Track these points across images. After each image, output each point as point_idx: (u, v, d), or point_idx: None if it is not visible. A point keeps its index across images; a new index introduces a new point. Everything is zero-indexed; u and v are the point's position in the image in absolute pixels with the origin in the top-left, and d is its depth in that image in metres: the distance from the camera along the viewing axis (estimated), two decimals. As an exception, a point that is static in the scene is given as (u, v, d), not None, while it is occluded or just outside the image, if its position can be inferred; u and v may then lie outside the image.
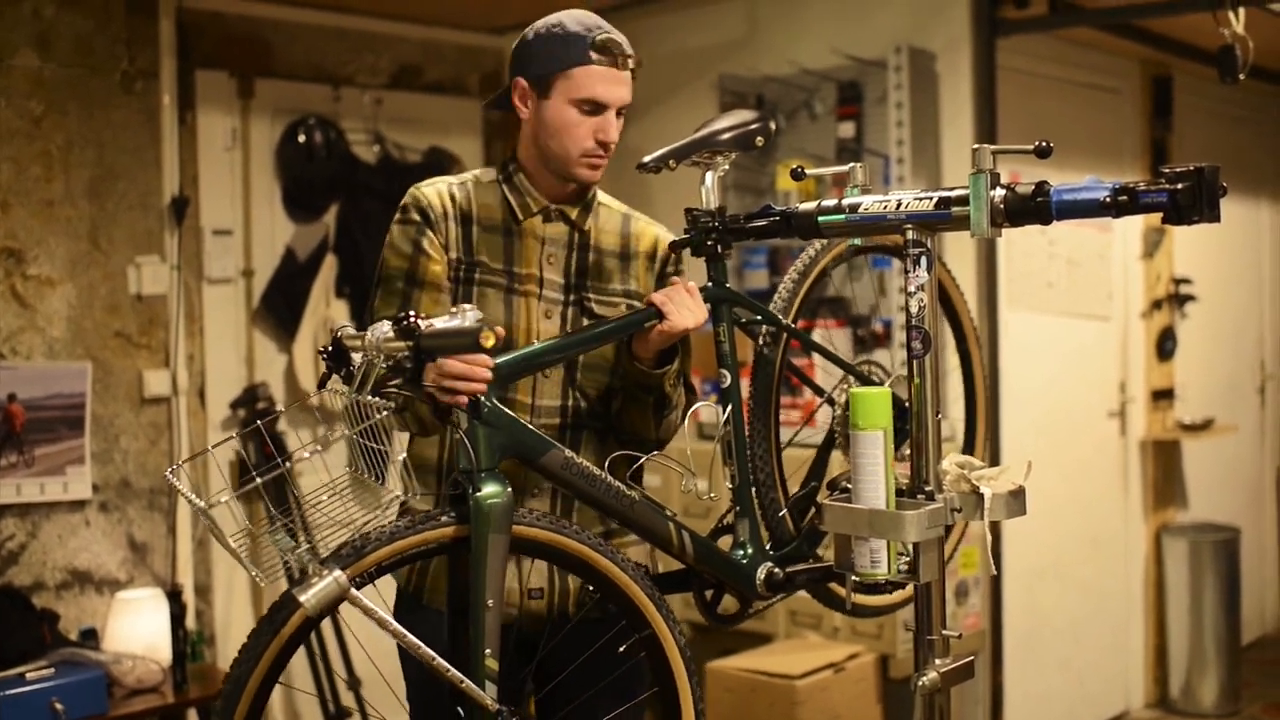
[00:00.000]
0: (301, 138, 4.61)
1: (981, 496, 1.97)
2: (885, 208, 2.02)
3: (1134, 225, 5.21)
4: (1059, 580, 4.82)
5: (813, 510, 2.51)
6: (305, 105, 4.63)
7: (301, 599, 1.90)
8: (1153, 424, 5.37)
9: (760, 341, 2.52)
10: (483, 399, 2.09)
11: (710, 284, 2.44)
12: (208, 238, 4.37)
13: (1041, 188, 1.85)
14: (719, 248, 2.43)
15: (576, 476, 2.22)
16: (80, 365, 4.06)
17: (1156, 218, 1.81)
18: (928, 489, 1.94)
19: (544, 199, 2.47)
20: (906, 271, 1.98)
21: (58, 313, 4.04)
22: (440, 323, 1.97)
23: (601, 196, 2.59)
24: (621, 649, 2.29)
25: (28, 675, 3.59)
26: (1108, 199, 1.80)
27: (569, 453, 2.21)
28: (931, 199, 1.96)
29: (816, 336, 4.43)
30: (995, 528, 2.02)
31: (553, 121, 2.40)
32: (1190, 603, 5.27)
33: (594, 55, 2.35)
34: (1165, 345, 5.40)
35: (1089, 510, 5.03)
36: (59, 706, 3.54)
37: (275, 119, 4.58)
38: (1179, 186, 1.74)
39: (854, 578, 1.99)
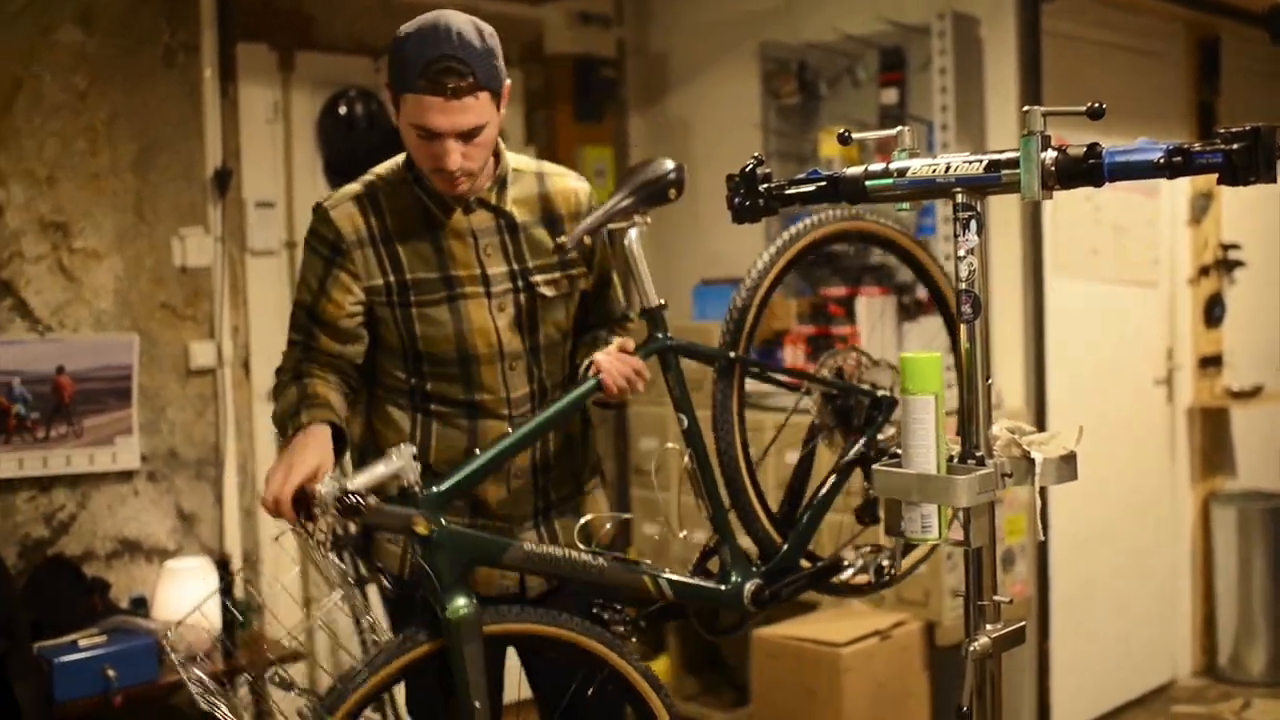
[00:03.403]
0: (342, 110, 4.61)
1: (1032, 461, 1.96)
2: (934, 171, 2.00)
3: (1181, 191, 5.15)
4: (1106, 548, 4.79)
5: (797, 515, 2.65)
6: (346, 77, 4.63)
7: None
8: (1200, 391, 5.32)
9: (713, 380, 2.59)
10: (431, 529, 2.20)
11: (653, 338, 2.53)
12: (250, 210, 4.39)
13: (1094, 149, 1.83)
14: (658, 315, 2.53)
15: (542, 563, 2.35)
16: (127, 337, 4.09)
17: (1204, 183, 1.79)
18: (978, 454, 1.93)
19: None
20: (956, 235, 1.96)
21: (104, 285, 4.07)
22: (378, 471, 2.14)
23: (512, 161, 2.53)
24: (590, 691, 2.43)
25: (80, 642, 3.64)
26: (1161, 160, 1.78)
27: (529, 545, 2.33)
28: (981, 162, 1.93)
29: (860, 305, 4.42)
30: (1043, 494, 2.00)
31: (404, 137, 2.37)
32: (1239, 571, 5.23)
33: (421, 83, 2.26)
34: (1213, 311, 5.34)
35: (1136, 478, 4.99)
36: (111, 673, 3.59)
37: (316, 91, 4.59)
38: (1235, 147, 1.72)
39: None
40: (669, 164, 2.56)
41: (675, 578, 2.47)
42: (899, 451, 1.95)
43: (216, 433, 4.30)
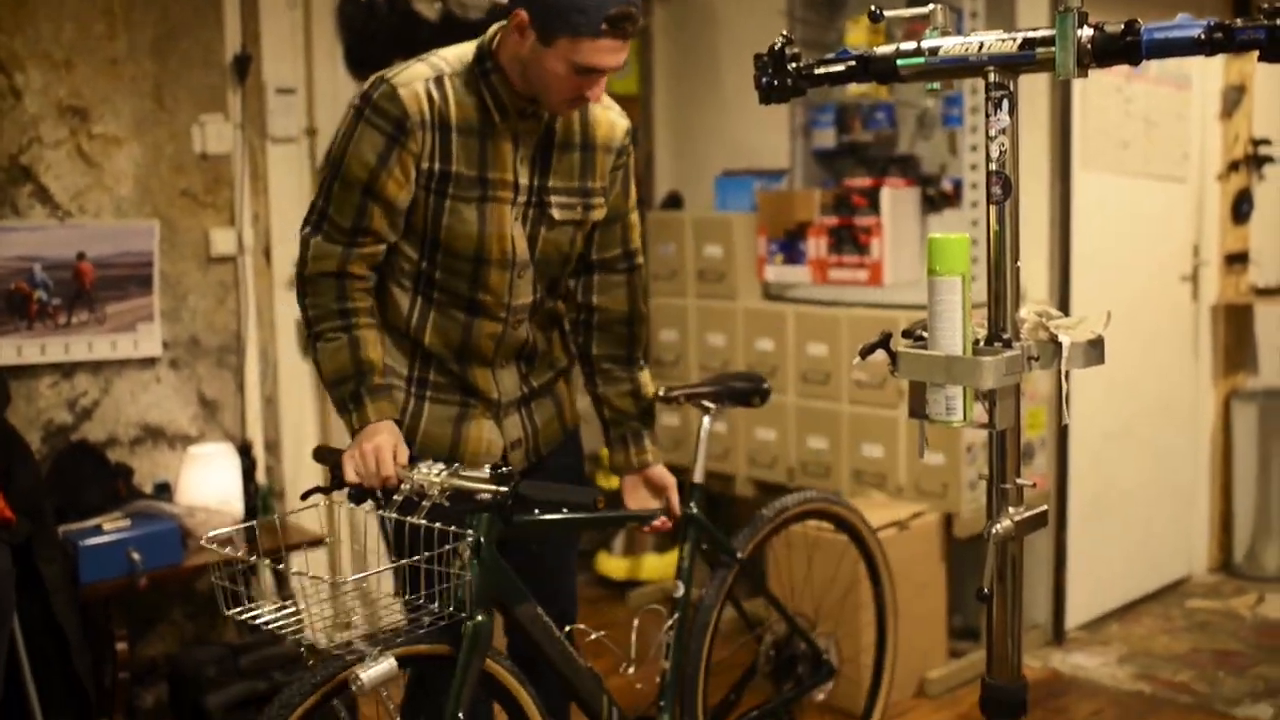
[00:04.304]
0: (363, -6, 4.55)
1: (1059, 345, 1.94)
2: (966, 50, 1.95)
3: (1213, 83, 5.06)
4: (1126, 444, 4.79)
5: None
6: (366, -39, 4.56)
7: (364, 676, 2.14)
8: (1225, 288, 5.28)
9: (713, 572, 2.97)
10: (483, 543, 2.33)
11: (687, 507, 2.87)
12: (270, 96, 4.34)
13: (1132, 26, 1.79)
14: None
15: (539, 631, 2.50)
16: (148, 224, 4.08)
17: (1236, 75, 1.75)
18: (1005, 336, 1.91)
19: (519, 99, 2.47)
20: (987, 115, 1.92)
21: (124, 171, 4.05)
22: (475, 477, 2.29)
23: None
24: None
25: (105, 526, 3.67)
26: (1202, 36, 1.73)
27: (539, 609, 2.48)
28: (1015, 40, 1.89)
29: (885, 196, 4.38)
30: (1068, 379, 1.99)
31: (545, 70, 2.39)
32: (1258, 469, 5.23)
33: (604, 28, 2.31)
34: (1241, 208, 5.28)
35: (1158, 375, 4.97)
36: (135, 556, 3.63)
37: (336, -25, 4.53)
38: (1279, 22, 1.68)
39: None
40: (764, 383, 2.98)
41: (623, 716, 2.69)
42: (924, 334, 1.94)
43: (238, 320, 4.30)
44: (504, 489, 2.27)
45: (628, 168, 2.69)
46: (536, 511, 2.47)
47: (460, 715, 2.29)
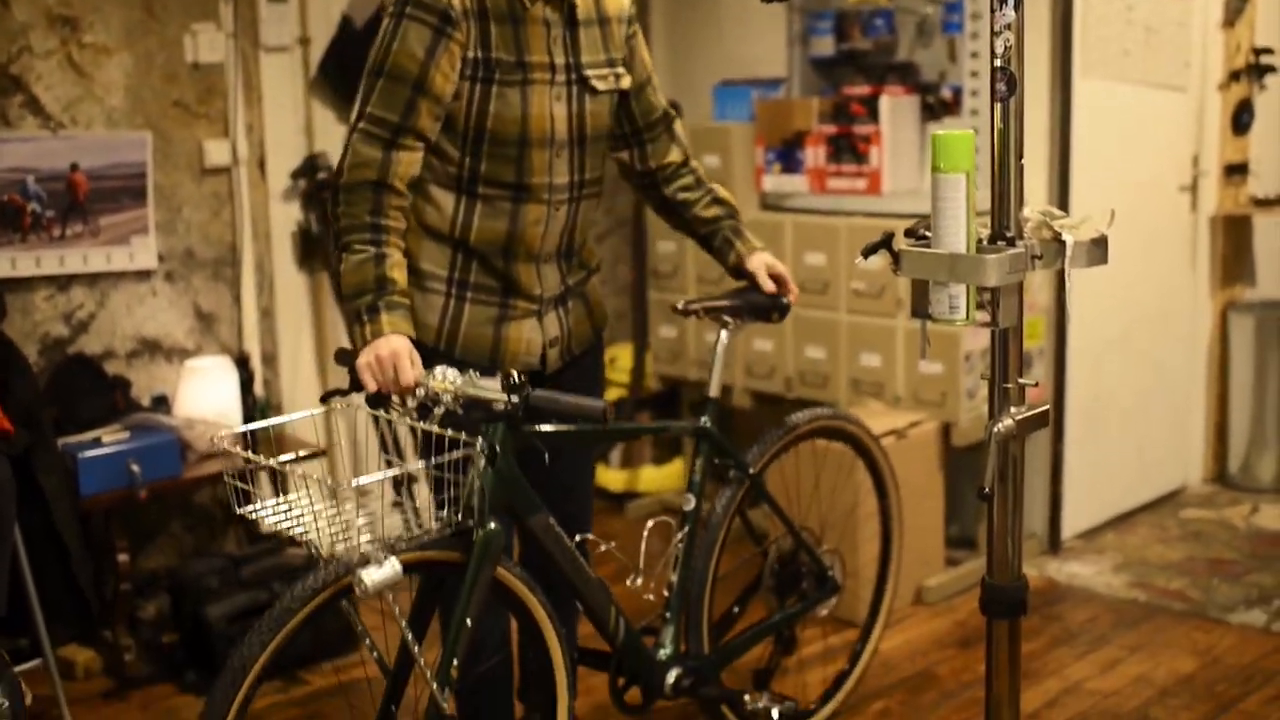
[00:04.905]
0: (354, -101, 4.48)
1: (1063, 244, 1.93)
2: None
3: (1216, -11, 5.01)
4: (1123, 355, 4.79)
5: (727, 638, 3.05)
6: None
7: (367, 580, 2.14)
8: (1224, 199, 5.25)
9: (724, 485, 2.98)
10: (498, 454, 2.34)
11: (700, 422, 2.90)
12: (263, 5, 4.28)
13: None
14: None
15: (551, 541, 2.52)
16: (140, 135, 4.04)
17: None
18: (1009, 234, 1.90)
19: None
20: (992, 10, 1.90)
21: (115, 82, 4.00)
22: (488, 386, 2.31)
23: None
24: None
25: (103, 438, 3.67)
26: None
27: (551, 519, 2.51)
28: (1021, -68, 1.87)
29: (884, 104, 4.34)
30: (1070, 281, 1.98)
31: None
32: (1254, 380, 5.23)
33: None
34: (1241, 118, 5.24)
35: (1156, 285, 4.96)
36: (135, 468, 3.63)
37: (327, -120, 4.45)
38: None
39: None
40: (783, 297, 2.95)
41: (632, 628, 2.72)
42: (927, 233, 1.93)
43: (233, 232, 4.28)
44: (515, 399, 2.27)
45: (639, 35, 2.77)
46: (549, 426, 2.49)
47: (468, 622, 2.31)
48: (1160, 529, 4.80)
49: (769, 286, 2.90)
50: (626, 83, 2.72)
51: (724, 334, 2.94)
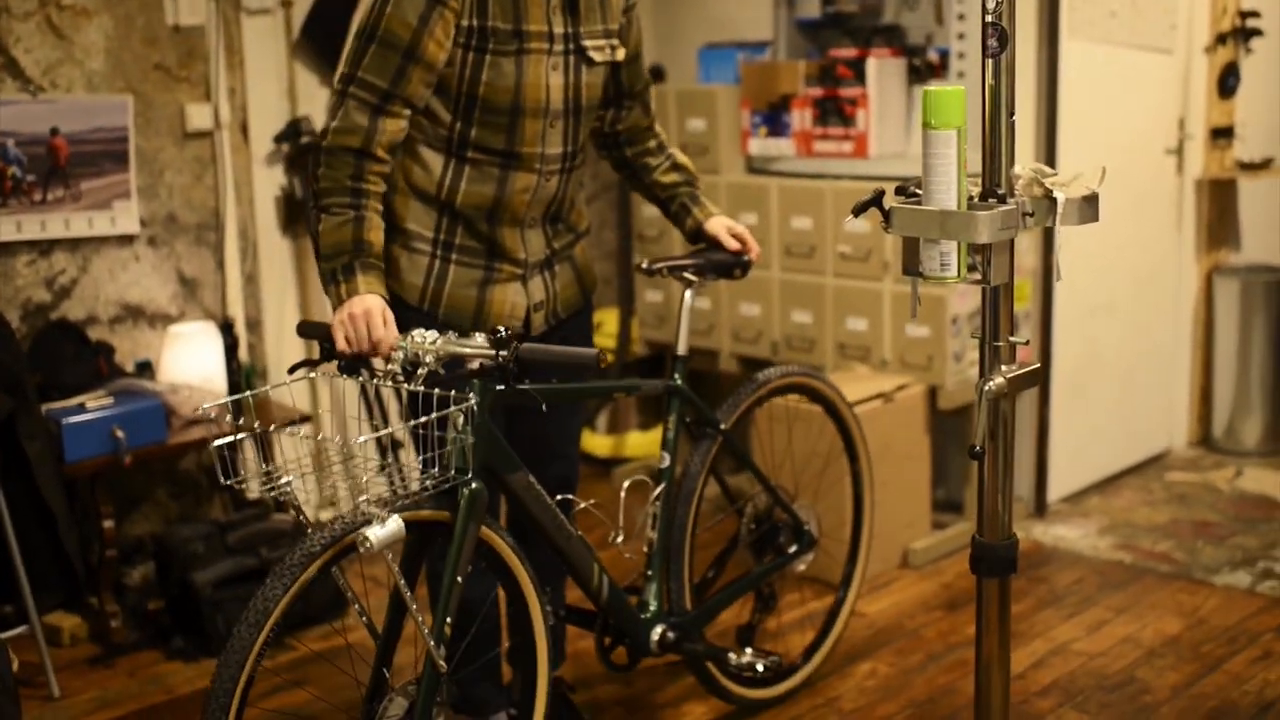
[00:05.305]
0: None
1: (1054, 201, 1.93)
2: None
3: (1203, -48, 4.99)
4: (1108, 318, 4.79)
5: (708, 595, 3.06)
6: None
7: (372, 537, 2.14)
8: (1210, 163, 5.25)
9: (696, 443, 2.98)
10: (476, 413, 2.33)
11: (671, 379, 2.89)
12: (244, -33, 4.25)
13: None
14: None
15: (532, 500, 2.52)
16: (121, 98, 4.00)
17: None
18: (1000, 192, 1.89)
19: None
20: (983, -35, 1.89)
21: (95, 44, 3.96)
22: (472, 344, 2.32)
23: None
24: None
25: (88, 404, 3.65)
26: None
27: (531, 478, 2.51)
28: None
29: (870, 67, 4.32)
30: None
31: None
32: (1238, 344, 5.24)
33: None
34: (1227, 82, 5.23)
35: (1142, 249, 4.96)
36: (119, 434, 3.61)
37: None
38: None
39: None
40: (745, 255, 2.96)
41: (615, 586, 2.73)
42: (918, 191, 1.92)
43: (216, 197, 4.25)
44: (503, 353, 2.26)
45: (636, 7, 2.77)
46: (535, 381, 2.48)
47: (459, 579, 2.31)
48: (1145, 492, 4.81)
49: (733, 245, 2.93)
50: (621, 54, 2.74)
51: (688, 293, 2.95)
